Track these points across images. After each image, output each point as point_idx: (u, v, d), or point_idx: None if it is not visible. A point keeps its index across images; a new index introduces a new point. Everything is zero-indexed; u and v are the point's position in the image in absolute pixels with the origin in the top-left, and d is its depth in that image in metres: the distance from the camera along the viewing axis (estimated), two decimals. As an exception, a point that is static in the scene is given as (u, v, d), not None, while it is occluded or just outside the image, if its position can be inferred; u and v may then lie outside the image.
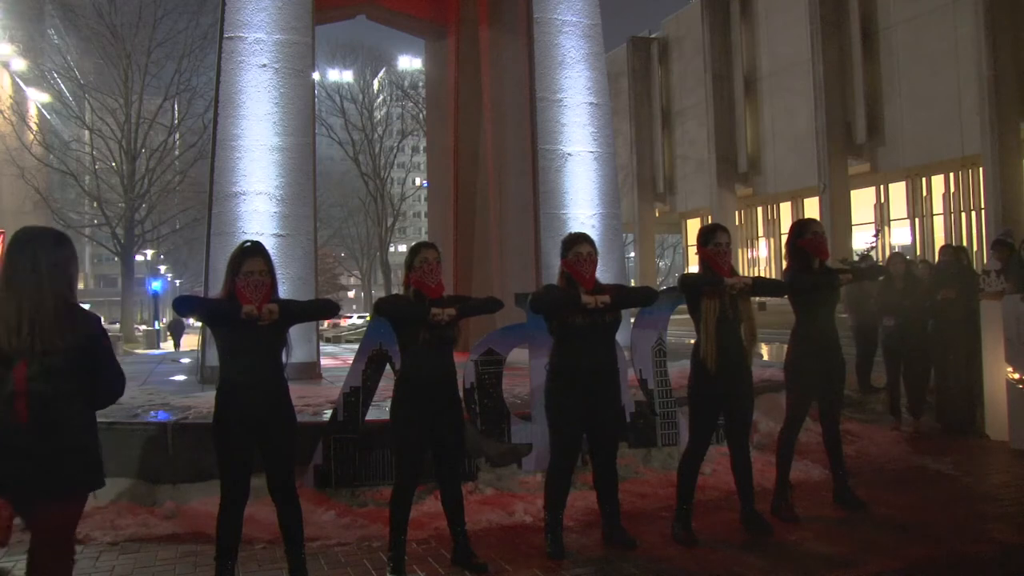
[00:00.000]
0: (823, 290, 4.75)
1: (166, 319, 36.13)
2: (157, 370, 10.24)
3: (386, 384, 5.31)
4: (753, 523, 4.49)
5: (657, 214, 34.73)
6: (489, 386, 5.41)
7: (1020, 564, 4.00)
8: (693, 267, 24.91)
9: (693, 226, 33.16)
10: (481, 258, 11.88)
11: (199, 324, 7.79)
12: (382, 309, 4.08)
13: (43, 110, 33.40)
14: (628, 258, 39.08)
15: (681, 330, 9.89)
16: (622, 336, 4.64)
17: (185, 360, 11.94)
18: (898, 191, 24.63)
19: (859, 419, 7.64)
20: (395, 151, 47.04)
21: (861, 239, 23.09)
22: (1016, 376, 6.39)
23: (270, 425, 3.61)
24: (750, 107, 28.50)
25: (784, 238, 5.17)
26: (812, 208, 25.39)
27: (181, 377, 9.12)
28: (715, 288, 4.28)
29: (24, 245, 2.73)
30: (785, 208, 28.69)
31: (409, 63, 50.14)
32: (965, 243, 20.89)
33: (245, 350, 3.56)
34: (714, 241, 4.37)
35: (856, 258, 11.00)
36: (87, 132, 31.45)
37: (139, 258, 36.49)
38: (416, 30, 13.48)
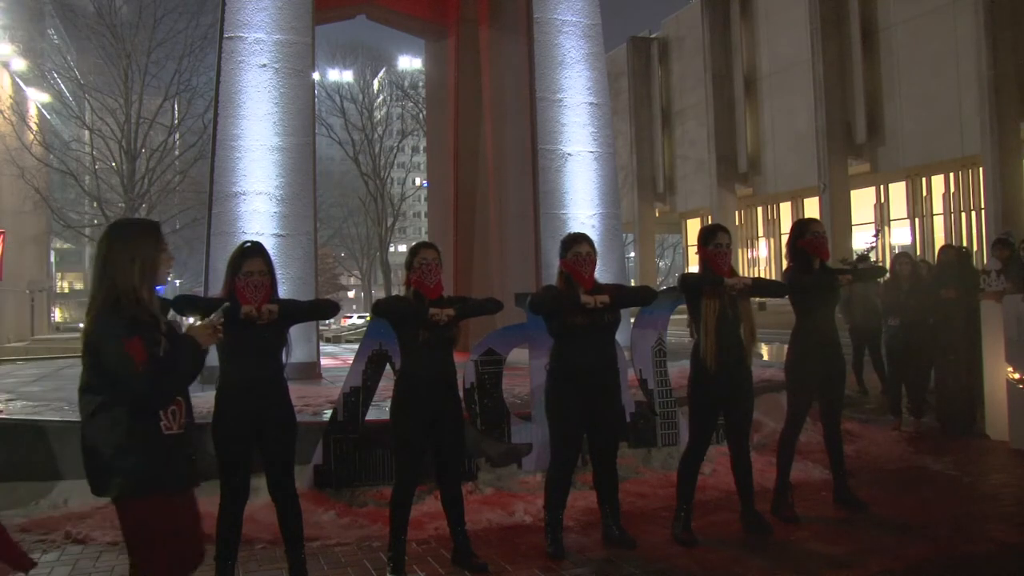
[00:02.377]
0: (823, 290, 4.75)
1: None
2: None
3: (386, 384, 5.31)
4: (753, 523, 4.49)
5: (657, 214, 34.71)
6: (489, 386, 5.41)
7: (1020, 564, 4.00)
8: (693, 267, 24.91)
9: (693, 226, 33.15)
10: (481, 258, 11.88)
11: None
12: (380, 310, 4.09)
13: (43, 110, 33.40)
14: (628, 258, 39.08)
15: (681, 330, 9.88)
16: (622, 336, 4.64)
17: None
18: (898, 191, 24.62)
19: (859, 419, 7.64)
20: (395, 151, 46.99)
21: (861, 239, 23.08)
22: (1016, 376, 6.39)
23: (270, 425, 3.61)
24: (750, 107, 28.48)
25: (784, 238, 5.18)
26: (812, 208, 25.38)
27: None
28: (715, 288, 4.29)
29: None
30: (785, 208, 28.68)
31: (409, 63, 50.10)
32: (965, 243, 20.88)
33: (245, 350, 3.57)
34: (714, 242, 4.37)
35: (854, 258, 11.00)
36: (87, 132, 31.43)
37: (139, 258, 36.41)
38: (416, 30, 13.48)
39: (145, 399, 2.56)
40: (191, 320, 3.31)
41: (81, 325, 2.75)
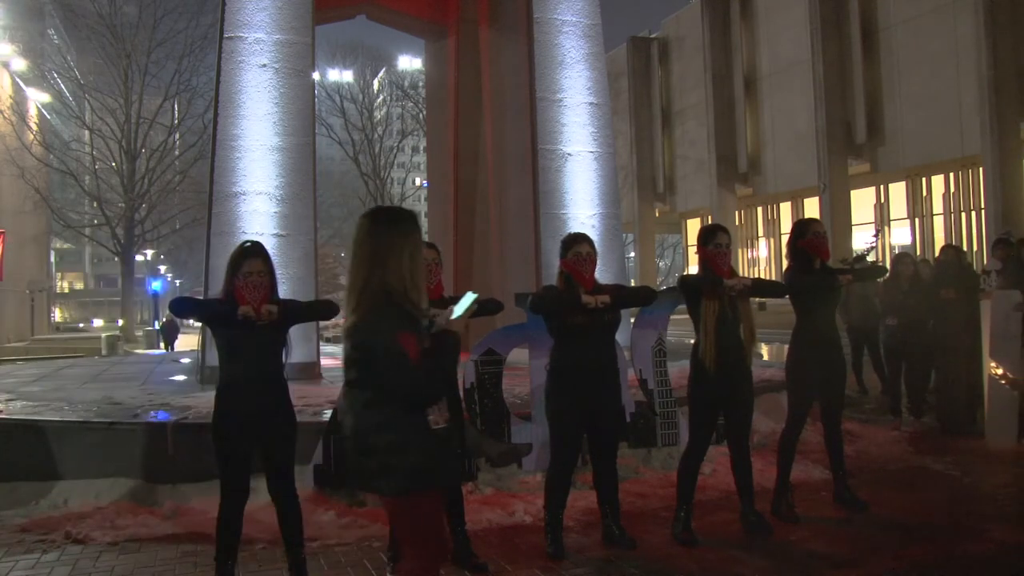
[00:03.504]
0: (823, 291, 4.75)
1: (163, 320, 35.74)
2: (157, 370, 10.25)
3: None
4: (753, 523, 4.48)
5: (657, 214, 34.72)
6: (489, 386, 5.41)
7: (1020, 564, 4.00)
8: (693, 267, 24.91)
9: (693, 226, 33.14)
10: (481, 258, 11.87)
11: (199, 325, 7.81)
12: None
13: (43, 110, 33.41)
14: (628, 258, 39.09)
15: (681, 330, 9.89)
16: (622, 336, 4.64)
17: (185, 360, 11.94)
18: (898, 191, 24.62)
19: (859, 419, 7.64)
20: (395, 151, 47.02)
21: (861, 239, 23.08)
22: (999, 372, 6.38)
23: (270, 425, 3.61)
24: (750, 107, 28.49)
25: (784, 238, 5.18)
26: (812, 208, 25.38)
27: (181, 377, 9.12)
28: (714, 289, 4.28)
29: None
30: (785, 208, 28.68)
31: (409, 63, 50.06)
32: (965, 243, 20.89)
33: (244, 350, 3.57)
34: (714, 242, 4.37)
35: (853, 257, 11.01)
36: (87, 132, 31.47)
37: (139, 258, 36.50)
38: (416, 30, 13.48)
39: (420, 395, 2.52)
40: (190, 321, 3.31)
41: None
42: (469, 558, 4.01)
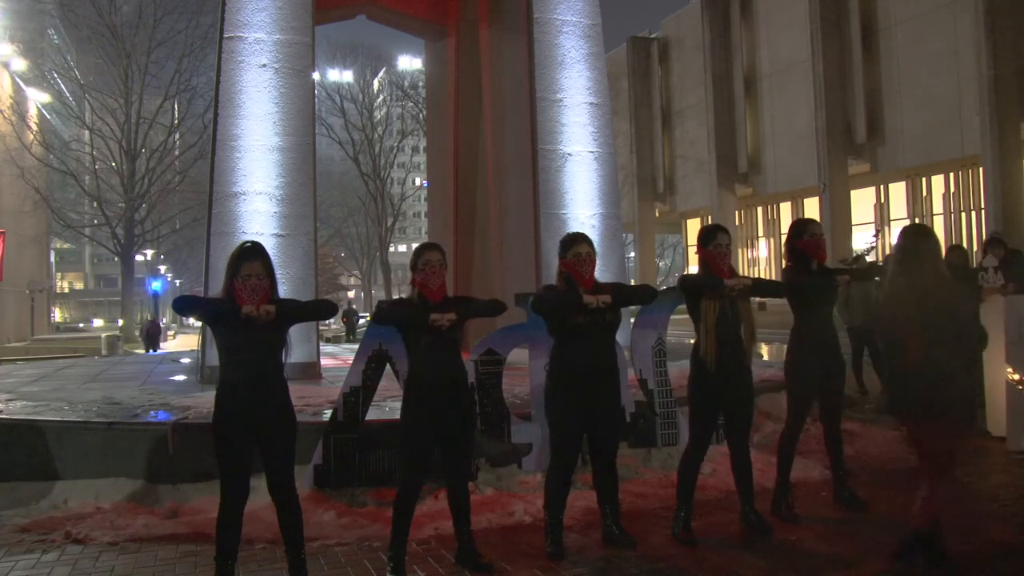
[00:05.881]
0: (821, 290, 4.76)
1: (162, 320, 35.39)
2: (157, 370, 10.25)
3: (386, 384, 5.32)
4: (753, 523, 4.48)
5: (657, 214, 34.71)
6: (489, 386, 5.41)
7: (1020, 564, 4.00)
8: (693, 267, 24.89)
9: (693, 226, 33.13)
10: (481, 258, 11.88)
11: (198, 325, 7.81)
12: (380, 318, 4.11)
13: (43, 110, 33.44)
14: (628, 258, 39.08)
15: (681, 330, 9.88)
16: (622, 336, 4.64)
17: (185, 360, 11.94)
18: (898, 191, 24.61)
19: (859, 419, 7.63)
20: (395, 151, 47.07)
21: (861, 239, 23.07)
22: (1016, 377, 6.37)
23: (269, 425, 3.61)
24: (750, 107, 28.48)
25: (784, 238, 5.18)
26: (812, 208, 25.37)
27: (181, 377, 9.12)
28: (715, 290, 4.29)
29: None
30: (785, 208, 28.67)
31: (409, 63, 50.09)
32: (965, 243, 20.88)
33: (244, 350, 3.57)
34: (714, 242, 4.37)
35: (853, 257, 11.02)
36: (87, 132, 31.50)
37: (139, 258, 36.52)
38: (416, 30, 13.48)
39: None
40: (189, 321, 3.32)
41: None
42: (474, 558, 4.01)
